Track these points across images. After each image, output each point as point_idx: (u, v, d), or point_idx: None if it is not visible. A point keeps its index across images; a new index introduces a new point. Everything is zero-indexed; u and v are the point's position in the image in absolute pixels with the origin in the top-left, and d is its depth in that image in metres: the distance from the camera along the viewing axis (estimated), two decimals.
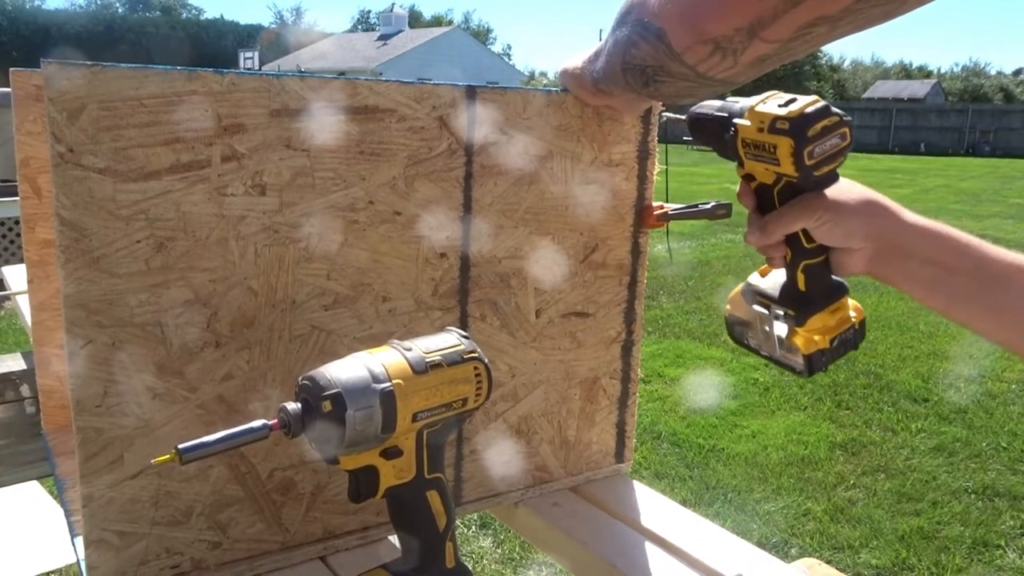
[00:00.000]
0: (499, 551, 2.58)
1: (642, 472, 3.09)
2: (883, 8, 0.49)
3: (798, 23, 0.50)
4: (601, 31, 0.67)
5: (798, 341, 0.72)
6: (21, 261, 1.16)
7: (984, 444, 3.46)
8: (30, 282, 1.05)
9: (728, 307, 0.80)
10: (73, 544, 0.77)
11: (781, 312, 0.73)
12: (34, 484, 2.50)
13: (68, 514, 0.85)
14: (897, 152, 28.50)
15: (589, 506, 0.91)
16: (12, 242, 5.33)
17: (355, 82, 0.71)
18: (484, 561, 2.53)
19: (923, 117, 30.83)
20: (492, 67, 35.45)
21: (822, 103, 0.66)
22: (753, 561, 0.80)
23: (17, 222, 5.26)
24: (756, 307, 0.75)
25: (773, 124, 0.65)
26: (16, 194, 1.06)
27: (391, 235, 0.75)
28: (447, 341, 0.63)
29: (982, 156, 27.30)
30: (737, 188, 0.74)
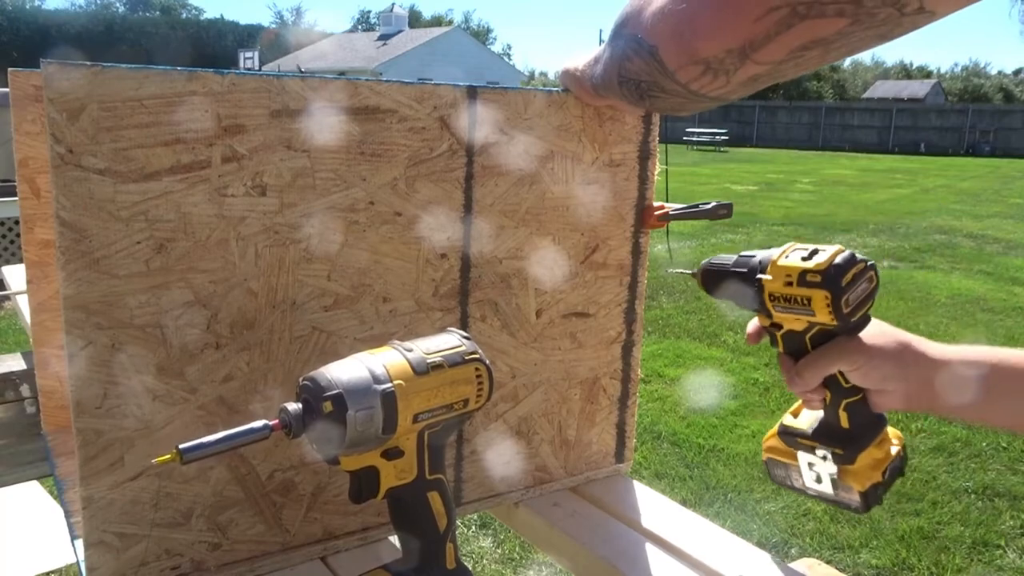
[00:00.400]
0: (499, 551, 2.58)
1: (642, 472, 3.09)
2: (876, 31, 0.49)
3: (791, 46, 0.50)
4: (601, 31, 0.67)
5: (851, 479, 0.73)
6: (21, 261, 1.16)
7: (984, 444, 3.46)
8: (29, 282, 1.05)
9: (766, 453, 0.80)
10: (73, 545, 0.77)
11: (828, 452, 0.74)
12: (34, 484, 2.50)
13: (68, 515, 0.85)
14: (897, 152, 28.52)
15: (589, 506, 0.91)
16: (12, 242, 5.33)
17: (356, 82, 0.71)
18: (484, 561, 2.53)
19: (923, 117, 30.84)
20: (492, 67, 35.44)
21: (847, 252, 0.68)
22: (753, 561, 0.80)
23: (17, 222, 5.26)
24: (801, 451, 0.76)
25: (803, 277, 0.68)
26: (16, 194, 1.06)
27: (392, 236, 0.75)
28: (448, 342, 0.63)
29: (982, 156, 27.31)
30: (753, 324, 0.76)
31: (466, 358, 0.62)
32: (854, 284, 0.67)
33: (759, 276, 0.71)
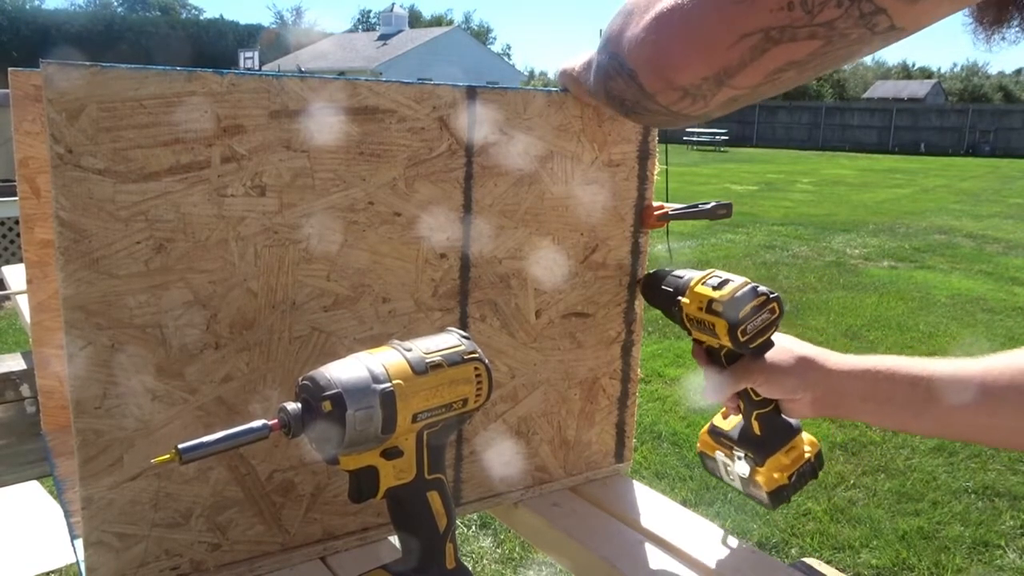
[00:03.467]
0: (499, 551, 2.58)
1: (642, 472, 3.08)
2: (848, 50, 0.49)
3: (766, 70, 0.50)
4: (601, 31, 0.68)
5: (760, 479, 0.82)
6: (21, 261, 1.16)
7: None
8: (29, 282, 1.05)
9: (699, 445, 0.90)
10: (73, 545, 0.77)
11: (742, 454, 0.83)
12: (34, 484, 2.50)
13: (67, 515, 0.85)
14: (897, 152, 28.51)
15: (589, 506, 0.91)
16: (12, 242, 5.33)
17: (355, 83, 0.71)
18: (484, 561, 2.53)
19: (923, 117, 30.83)
20: (492, 67, 35.44)
21: (749, 286, 0.77)
22: (753, 561, 0.80)
23: (17, 222, 5.26)
24: (720, 450, 0.86)
25: (709, 305, 0.77)
26: (16, 194, 1.06)
27: (391, 236, 0.75)
28: (447, 341, 0.63)
29: (982, 156, 27.31)
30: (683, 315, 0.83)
31: (465, 357, 0.62)
32: (753, 316, 0.76)
33: (679, 298, 0.81)
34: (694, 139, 25.90)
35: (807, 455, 0.84)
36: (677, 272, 0.84)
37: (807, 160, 22.81)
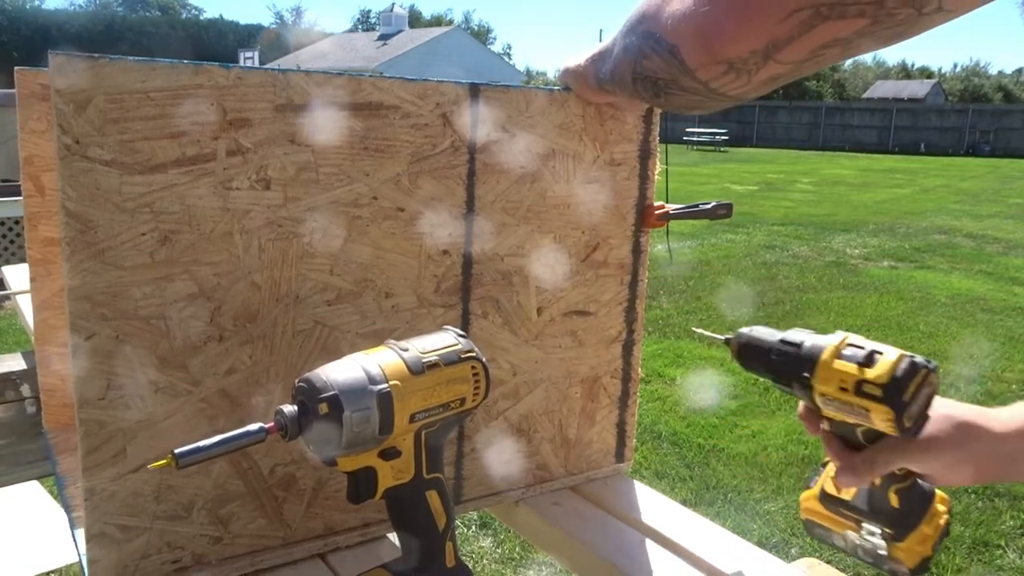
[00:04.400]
0: (499, 551, 2.58)
1: (642, 472, 3.09)
2: (895, 30, 0.49)
3: (812, 46, 0.50)
4: (601, 31, 0.69)
5: (902, 556, 0.70)
6: (21, 261, 1.16)
7: None
8: (32, 280, 1.05)
9: (805, 514, 0.77)
10: (74, 537, 0.77)
11: (877, 531, 0.71)
12: (34, 484, 2.50)
13: (69, 510, 0.85)
14: (897, 152, 28.52)
15: (589, 505, 0.91)
16: (12, 242, 5.33)
17: (359, 78, 0.71)
18: (484, 561, 2.53)
19: (923, 117, 30.83)
20: (492, 67, 35.44)
21: (907, 360, 0.62)
22: (753, 561, 0.80)
23: (17, 222, 5.27)
24: (842, 523, 0.73)
25: (859, 387, 0.62)
26: (16, 194, 1.06)
27: (394, 231, 0.75)
28: (444, 341, 0.63)
29: (982, 156, 27.32)
30: (803, 408, 0.71)
31: (462, 356, 0.62)
32: (917, 396, 0.62)
33: (806, 375, 0.65)
34: (694, 139, 25.90)
35: (945, 518, 0.72)
36: (790, 337, 0.69)
37: (807, 160, 22.81)
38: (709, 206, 0.90)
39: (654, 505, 0.91)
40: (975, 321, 5.45)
